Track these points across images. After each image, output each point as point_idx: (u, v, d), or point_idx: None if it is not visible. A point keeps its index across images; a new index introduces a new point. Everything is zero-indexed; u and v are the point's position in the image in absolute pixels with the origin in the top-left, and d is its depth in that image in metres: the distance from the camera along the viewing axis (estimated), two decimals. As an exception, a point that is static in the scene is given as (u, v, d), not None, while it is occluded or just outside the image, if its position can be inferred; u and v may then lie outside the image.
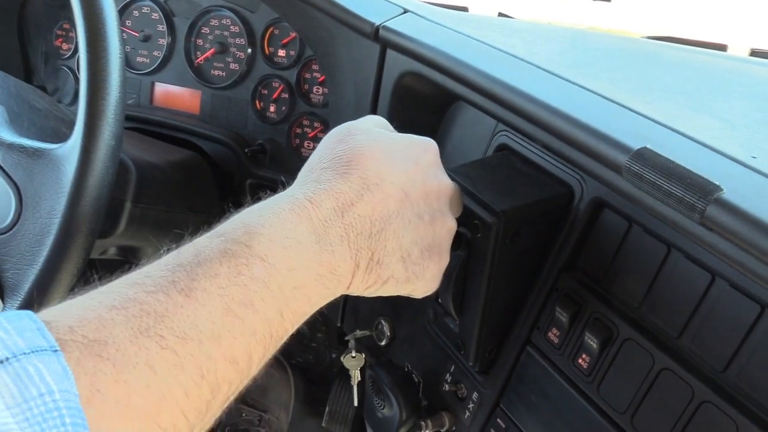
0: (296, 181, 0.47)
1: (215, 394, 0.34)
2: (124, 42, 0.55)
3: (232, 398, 0.37)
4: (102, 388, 0.27)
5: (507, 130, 0.68)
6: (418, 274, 0.49)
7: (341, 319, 0.97)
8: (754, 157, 0.47)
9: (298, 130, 0.94)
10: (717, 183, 0.42)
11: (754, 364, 0.46)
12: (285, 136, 0.95)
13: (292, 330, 0.41)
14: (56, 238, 0.53)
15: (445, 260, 0.53)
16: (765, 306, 0.46)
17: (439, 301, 0.69)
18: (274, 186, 0.97)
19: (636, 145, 0.47)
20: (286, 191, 0.45)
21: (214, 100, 0.99)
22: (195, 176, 0.93)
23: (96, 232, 0.55)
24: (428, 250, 0.49)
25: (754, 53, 0.85)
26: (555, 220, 0.61)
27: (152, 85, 1.02)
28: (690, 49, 0.84)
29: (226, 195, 1.00)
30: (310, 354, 1.62)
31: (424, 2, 0.91)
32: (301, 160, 0.94)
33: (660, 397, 0.52)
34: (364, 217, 0.43)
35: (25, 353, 0.25)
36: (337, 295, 0.44)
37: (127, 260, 0.92)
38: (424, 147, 0.51)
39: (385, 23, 0.74)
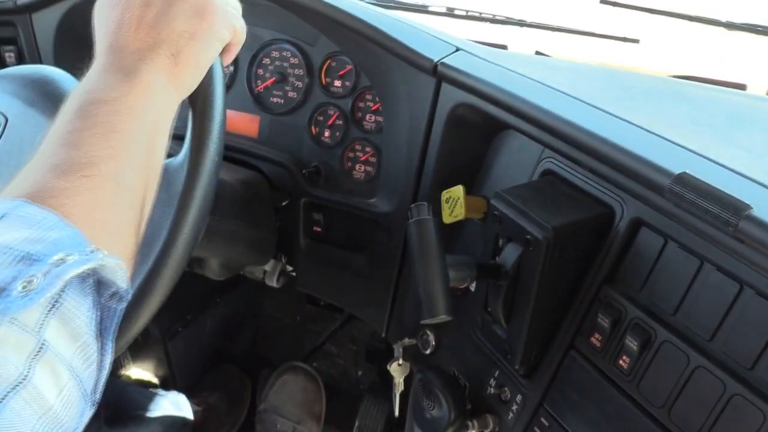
0: None
1: (134, 193, 0.47)
2: (221, 64, 0.64)
3: (148, 201, 0.50)
4: (65, 212, 0.40)
5: (552, 157, 0.76)
6: (208, 32, 0.55)
7: (386, 329, 1.04)
8: (778, 182, 0.55)
9: (351, 154, 1.03)
10: (747, 202, 0.50)
11: (778, 362, 0.53)
12: (338, 159, 1.03)
13: (157, 137, 0.51)
14: (165, 242, 0.60)
15: (217, 3, 0.56)
16: (789, 312, 0.53)
17: (489, 309, 0.77)
18: (326, 205, 1.05)
19: (676, 170, 0.55)
20: None
21: (273, 125, 1.08)
22: (258, 194, 1.01)
23: (198, 238, 0.63)
24: (196, 13, 0.55)
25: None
26: (597, 237, 0.69)
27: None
28: (712, 87, 0.93)
29: (280, 214, 1.08)
30: (336, 370, 1.69)
31: (469, 41, 1.01)
32: (353, 181, 1.03)
33: (694, 392, 0.59)
34: (139, 42, 0.52)
35: (17, 206, 0.38)
36: (174, 100, 0.54)
37: (192, 270, 1.00)
38: None
39: (442, 60, 0.83)
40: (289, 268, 1.17)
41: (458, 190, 0.82)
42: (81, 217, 0.41)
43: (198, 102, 0.62)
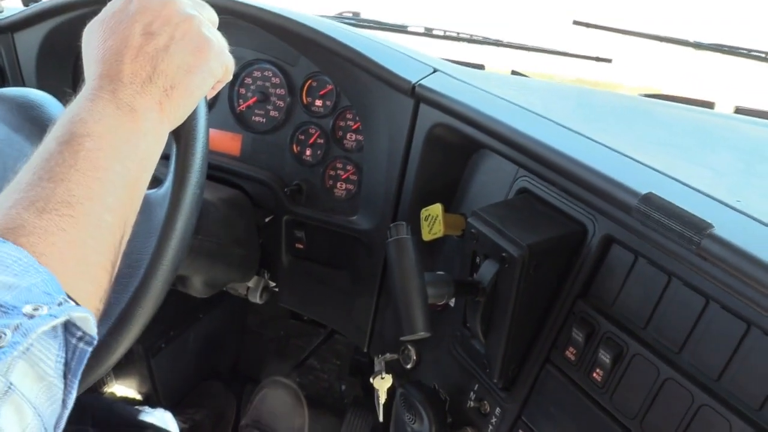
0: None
1: (113, 234, 0.47)
2: (207, 102, 0.66)
3: (125, 239, 0.50)
4: (39, 252, 0.40)
5: (527, 175, 0.78)
6: (203, 67, 0.56)
7: (368, 344, 1.06)
8: (739, 201, 0.58)
9: (332, 172, 1.05)
10: (709, 221, 0.52)
11: (743, 373, 0.56)
12: (320, 177, 1.05)
13: (142, 174, 0.52)
14: (145, 273, 0.61)
15: (213, 41, 0.57)
16: (750, 323, 0.56)
17: (467, 325, 0.79)
18: (308, 222, 1.07)
19: (643, 190, 0.58)
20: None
21: (255, 144, 1.09)
22: (241, 213, 1.03)
23: (178, 268, 0.64)
24: (195, 50, 0.55)
25: (739, 110, 0.96)
26: (571, 254, 0.71)
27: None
28: (681, 106, 0.96)
29: (262, 231, 1.09)
30: (320, 385, 1.70)
31: (445, 59, 1.03)
32: (334, 199, 1.05)
33: (665, 403, 0.61)
34: (136, 73, 0.52)
35: None
36: (163, 133, 0.54)
37: (175, 288, 1.01)
38: (128, 2, 0.56)
39: (420, 81, 0.85)
40: (272, 284, 1.18)
41: (437, 208, 0.85)
42: (53, 258, 0.41)
43: (182, 135, 0.63)
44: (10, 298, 0.36)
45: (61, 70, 1.17)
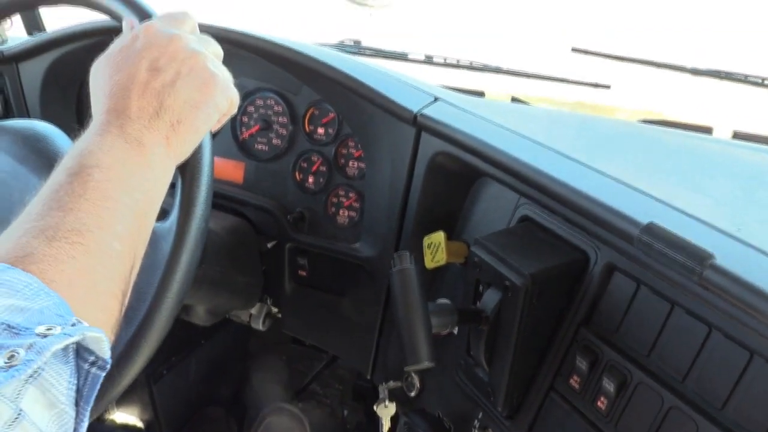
0: None
1: (123, 263, 0.48)
2: (211, 135, 0.66)
3: (135, 269, 0.50)
4: (49, 279, 0.41)
5: (528, 203, 0.79)
6: (210, 102, 0.56)
7: (372, 371, 1.05)
8: (739, 230, 0.58)
9: (334, 200, 1.05)
10: (711, 252, 0.53)
11: (747, 402, 0.56)
12: (322, 204, 1.06)
13: (150, 206, 0.52)
14: (150, 305, 0.62)
15: (219, 76, 0.58)
16: (753, 352, 0.56)
17: (471, 353, 0.79)
18: (310, 249, 1.07)
19: (644, 219, 0.58)
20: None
21: (258, 171, 1.10)
22: (243, 241, 1.03)
23: (183, 301, 0.65)
24: (201, 86, 0.56)
25: (737, 135, 0.97)
26: (573, 282, 0.72)
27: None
28: (679, 132, 0.97)
29: (265, 259, 1.10)
30: (323, 410, 1.69)
31: (446, 87, 1.05)
32: (337, 226, 1.06)
33: (669, 431, 0.61)
34: (143, 108, 0.53)
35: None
36: (170, 167, 0.55)
37: (178, 317, 1.01)
38: (136, 40, 0.58)
39: (421, 111, 0.86)
40: (275, 311, 1.18)
41: (439, 236, 0.85)
42: (64, 285, 0.41)
43: (188, 168, 0.64)
44: (22, 320, 0.36)
45: (65, 100, 1.18)
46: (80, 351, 0.39)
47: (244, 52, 1.03)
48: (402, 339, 0.67)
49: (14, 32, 1.28)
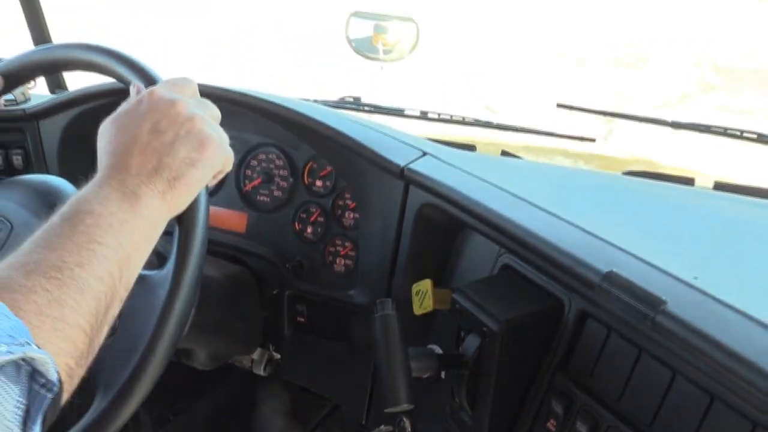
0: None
1: (98, 301, 0.50)
2: (207, 189, 0.71)
3: (111, 310, 0.53)
4: (19, 307, 0.44)
5: (508, 253, 0.83)
6: (205, 162, 0.61)
7: (366, 416, 1.08)
8: (696, 278, 0.62)
9: (332, 249, 1.10)
10: (664, 298, 0.56)
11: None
12: (320, 253, 1.10)
13: (136, 253, 0.56)
14: (145, 349, 0.66)
15: (215, 138, 0.63)
16: (714, 396, 0.58)
17: (455, 398, 0.82)
18: (309, 297, 1.11)
19: (606, 268, 0.62)
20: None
21: (259, 222, 1.16)
22: (244, 288, 1.08)
23: (177, 344, 0.69)
24: (198, 146, 0.61)
25: (717, 186, 1.01)
26: (549, 328, 0.75)
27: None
28: (661, 184, 1.01)
29: (265, 305, 1.14)
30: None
31: (438, 141, 1.10)
32: (334, 274, 1.10)
33: (638, 474, 0.63)
34: (142, 165, 0.58)
35: None
36: (163, 220, 0.59)
37: (180, 362, 1.05)
38: (140, 104, 0.63)
39: (408, 165, 0.92)
40: (277, 357, 1.21)
41: (426, 284, 0.89)
42: (32, 313, 0.45)
43: (183, 222, 0.68)
44: None
45: (81, 155, 1.26)
46: (34, 374, 0.42)
47: (248, 112, 1.09)
48: (383, 382, 0.70)
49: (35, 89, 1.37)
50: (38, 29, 1.43)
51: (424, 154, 0.97)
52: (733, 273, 0.71)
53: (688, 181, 1.03)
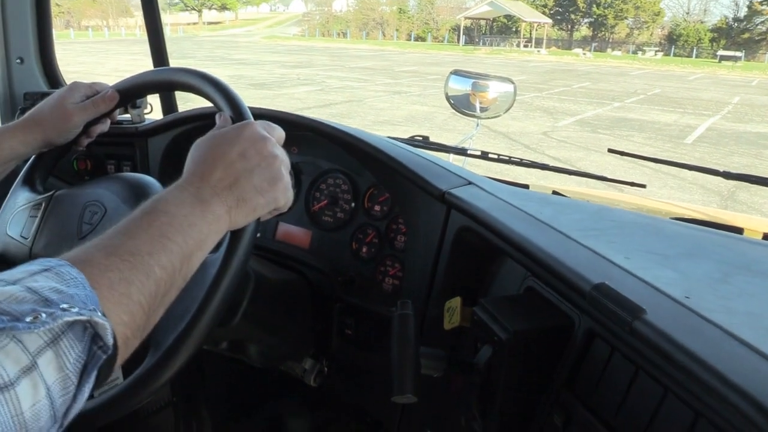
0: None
1: (158, 285, 0.59)
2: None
3: (168, 296, 0.61)
4: (96, 280, 0.52)
5: (532, 276, 0.88)
6: (271, 195, 0.71)
7: (398, 427, 1.13)
8: (688, 298, 0.65)
9: (382, 268, 1.19)
10: (643, 307, 0.60)
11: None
12: (371, 271, 1.19)
13: (197, 251, 0.64)
14: (192, 316, 0.77)
15: (285, 180, 0.73)
16: (698, 413, 0.60)
17: (468, 408, 0.86)
18: (357, 311, 1.20)
19: (598, 280, 0.67)
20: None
21: (321, 239, 1.27)
22: (298, 295, 1.18)
23: (221, 315, 0.79)
24: (271, 180, 0.71)
25: (766, 237, 1.01)
26: (559, 344, 0.79)
27: (276, 224, 1.33)
28: (708, 230, 1.02)
29: (317, 315, 1.24)
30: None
31: (492, 178, 1.17)
32: (382, 292, 1.18)
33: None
34: (222, 179, 0.68)
35: (60, 264, 0.51)
36: (223, 229, 0.68)
37: (235, 357, 1.15)
38: (238, 130, 0.73)
39: (449, 190, 1.00)
40: (327, 370, 1.29)
41: (456, 301, 0.95)
42: (103, 287, 0.52)
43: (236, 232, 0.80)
44: (56, 298, 0.47)
45: (177, 168, 1.43)
46: (95, 337, 0.49)
47: (322, 140, 1.22)
48: (393, 373, 0.77)
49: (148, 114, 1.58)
50: (159, 57, 1.66)
51: (469, 183, 1.04)
52: (744, 306, 0.72)
53: (737, 231, 1.03)
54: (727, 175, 1.06)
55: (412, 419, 1.09)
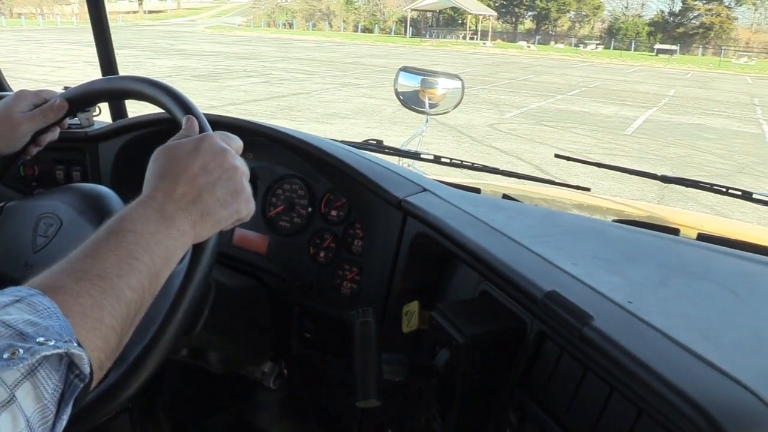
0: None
1: (129, 307, 0.59)
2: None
3: (139, 315, 0.61)
4: (68, 307, 0.52)
5: (486, 280, 0.92)
6: (234, 207, 0.71)
7: (359, 428, 1.16)
8: (630, 302, 0.70)
9: (340, 272, 1.21)
10: (591, 314, 0.65)
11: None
12: (330, 275, 1.21)
13: (164, 269, 0.65)
14: (159, 327, 0.77)
15: (247, 191, 0.74)
16: (641, 410, 0.66)
17: (428, 407, 0.90)
18: (316, 315, 1.22)
19: (550, 288, 0.71)
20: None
21: (279, 244, 1.28)
22: (257, 301, 1.19)
23: (186, 324, 0.80)
24: (233, 192, 0.71)
25: (700, 237, 1.07)
26: (513, 346, 0.83)
27: (233, 229, 1.33)
28: (647, 232, 1.08)
29: (276, 319, 1.25)
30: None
31: (444, 182, 1.21)
32: (341, 296, 1.20)
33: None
34: (185, 194, 0.68)
35: (32, 294, 0.51)
36: (188, 243, 0.68)
37: (195, 364, 1.16)
38: (198, 142, 0.73)
39: (406, 197, 1.03)
40: (286, 372, 1.31)
41: (414, 305, 0.99)
42: (76, 315, 0.52)
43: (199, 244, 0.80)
44: (31, 331, 0.47)
45: (130, 174, 1.42)
46: (71, 365, 0.49)
47: (278, 146, 1.23)
48: (356, 379, 0.80)
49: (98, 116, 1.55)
50: (107, 63, 1.63)
51: (424, 189, 1.08)
52: (681, 309, 0.78)
53: (673, 232, 1.10)
54: (665, 179, 1.13)
55: (373, 419, 1.13)
